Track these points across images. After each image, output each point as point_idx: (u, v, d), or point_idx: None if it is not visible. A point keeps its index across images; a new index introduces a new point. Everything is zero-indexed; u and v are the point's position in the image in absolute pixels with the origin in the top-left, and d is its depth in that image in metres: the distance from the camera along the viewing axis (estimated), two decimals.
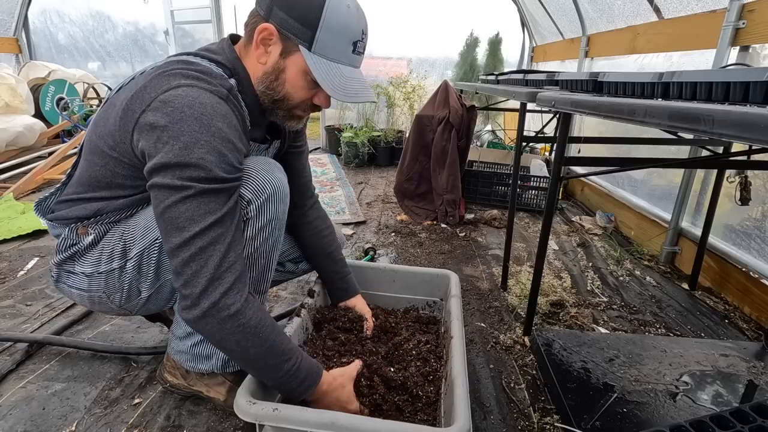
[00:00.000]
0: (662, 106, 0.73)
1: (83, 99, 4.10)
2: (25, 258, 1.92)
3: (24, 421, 1.05)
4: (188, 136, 0.75)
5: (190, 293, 0.78)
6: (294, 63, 0.88)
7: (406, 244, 2.27)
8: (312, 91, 0.92)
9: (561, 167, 1.22)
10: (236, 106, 0.87)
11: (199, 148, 0.75)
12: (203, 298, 0.78)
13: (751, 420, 0.86)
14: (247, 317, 0.80)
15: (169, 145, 0.75)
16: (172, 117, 0.75)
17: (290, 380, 0.87)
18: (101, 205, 0.93)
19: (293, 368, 0.86)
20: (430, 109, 2.63)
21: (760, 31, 1.65)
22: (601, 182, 2.92)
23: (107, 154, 0.87)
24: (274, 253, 0.98)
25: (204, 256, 0.77)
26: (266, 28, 0.85)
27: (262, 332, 0.82)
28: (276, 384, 0.87)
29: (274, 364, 0.85)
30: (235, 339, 0.81)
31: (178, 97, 0.77)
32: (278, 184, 0.92)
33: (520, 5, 4.47)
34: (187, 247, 0.77)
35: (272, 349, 0.84)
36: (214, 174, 0.77)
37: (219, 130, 0.78)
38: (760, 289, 1.62)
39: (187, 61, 0.85)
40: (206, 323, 0.79)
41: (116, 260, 0.94)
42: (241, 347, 0.82)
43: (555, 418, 1.13)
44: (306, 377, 0.88)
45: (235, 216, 0.82)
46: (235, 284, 0.80)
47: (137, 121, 0.79)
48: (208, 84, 0.81)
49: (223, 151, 0.78)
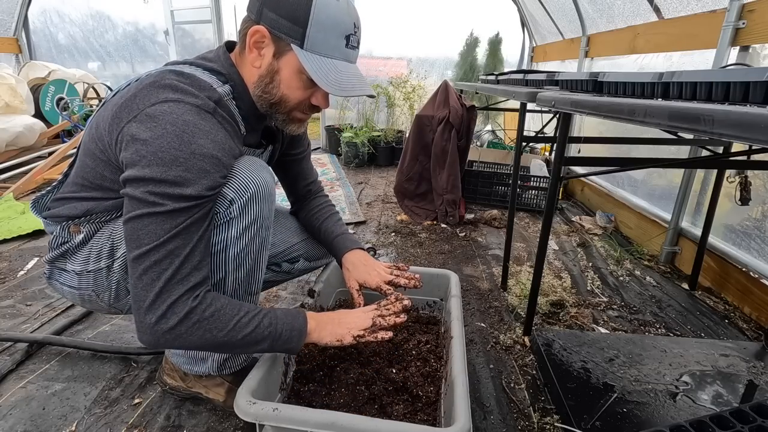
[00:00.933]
0: (662, 106, 0.73)
1: (83, 99, 4.10)
2: (25, 258, 1.92)
3: (24, 421, 1.05)
4: (168, 153, 0.75)
5: (138, 308, 0.77)
6: (288, 63, 0.87)
7: (406, 244, 2.27)
8: (309, 91, 0.92)
9: (561, 167, 1.22)
10: (225, 116, 0.86)
11: (177, 165, 0.75)
12: (149, 313, 0.76)
13: (751, 420, 0.86)
14: (199, 313, 0.78)
15: (146, 159, 0.75)
16: (154, 132, 0.75)
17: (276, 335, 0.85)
18: (92, 205, 0.93)
19: (270, 324, 0.84)
20: (430, 109, 2.63)
21: (760, 31, 1.65)
22: (601, 182, 2.92)
23: (98, 157, 0.87)
24: (262, 252, 0.97)
25: (157, 269, 0.76)
26: (258, 30, 0.85)
27: (223, 314, 0.80)
28: (266, 346, 0.85)
29: (250, 332, 0.82)
30: (197, 335, 0.79)
31: (163, 113, 0.77)
32: (261, 183, 0.90)
33: (520, 5, 4.47)
34: (142, 260, 0.76)
35: (239, 322, 0.82)
36: (190, 192, 0.76)
37: (200, 147, 0.77)
38: (760, 289, 1.62)
39: (180, 72, 0.84)
40: (159, 337, 0.77)
41: (104, 259, 0.95)
42: (209, 339, 0.80)
43: (555, 418, 1.13)
44: (292, 321, 0.87)
45: (201, 225, 0.81)
46: (185, 294, 0.78)
47: (122, 129, 0.79)
48: (195, 98, 0.81)
49: (203, 168, 0.78)
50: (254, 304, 0.89)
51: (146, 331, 0.77)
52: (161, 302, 0.76)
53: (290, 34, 0.84)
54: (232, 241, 0.90)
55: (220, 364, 1.05)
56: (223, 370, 1.06)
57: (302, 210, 1.29)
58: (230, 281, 0.92)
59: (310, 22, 0.83)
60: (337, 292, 1.38)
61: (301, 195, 1.29)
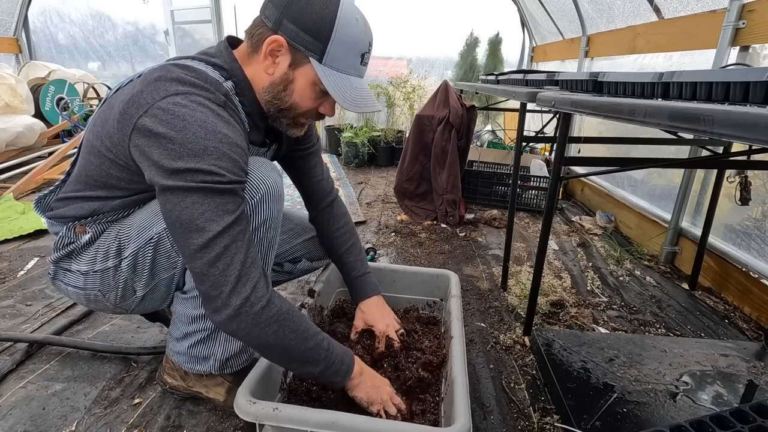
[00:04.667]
0: (662, 106, 0.73)
1: (83, 99, 4.10)
2: (25, 258, 1.92)
3: (24, 421, 1.05)
4: (196, 143, 0.75)
5: (219, 293, 0.78)
6: (303, 74, 0.88)
7: (406, 244, 2.27)
8: (319, 101, 0.93)
9: (561, 167, 1.22)
10: (234, 110, 0.87)
11: (208, 155, 0.75)
12: (234, 296, 0.77)
13: (751, 420, 0.86)
14: (277, 306, 0.81)
15: (176, 153, 0.75)
16: (174, 125, 0.75)
17: (330, 363, 0.87)
18: (98, 205, 0.93)
19: (329, 350, 0.87)
20: (430, 109, 2.63)
21: (760, 31, 1.65)
22: (601, 182, 2.92)
23: (104, 155, 0.87)
24: (270, 253, 0.97)
25: (229, 254, 0.77)
26: (276, 40, 0.85)
27: (294, 317, 0.84)
28: (318, 370, 0.87)
29: (312, 347, 0.85)
30: (272, 330, 0.81)
31: (177, 105, 0.76)
32: (272, 184, 0.92)
33: (520, 5, 4.47)
34: (211, 248, 0.77)
35: (306, 330, 0.85)
36: (228, 177, 0.77)
37: (225, 136, 0.78)
38: (760, 289, 1.62)
39: (184, 65, 0.84)
40: (241, 321, 0.79)
41: (111, 259, 0.95)
42: (279, 336, 0.82)
43: (555, 418, 1.13)
44: (344, 354, 0.90)
45: (246, 215, 0.84)
46: (261, 278, 0.81)
47: (135, 125, 0.78)
48: (205, 91, 0.81)
49: (232, 155, 0.78)
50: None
51: (231, 314, 0.78)
52: (242, 285, 0.78)
53: (310, 48, 0.85)
54: None
55: (221, 363, 1.04)
56: (225, 369, 1.06)
57: (321, 223, 1.26)
58: None
59: (332, 39, 0.84)
60: (337, 292, 1.38)
61: (313, 192, 1.25)
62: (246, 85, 0.91)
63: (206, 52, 0.92)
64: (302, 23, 0.83)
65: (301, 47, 0.85)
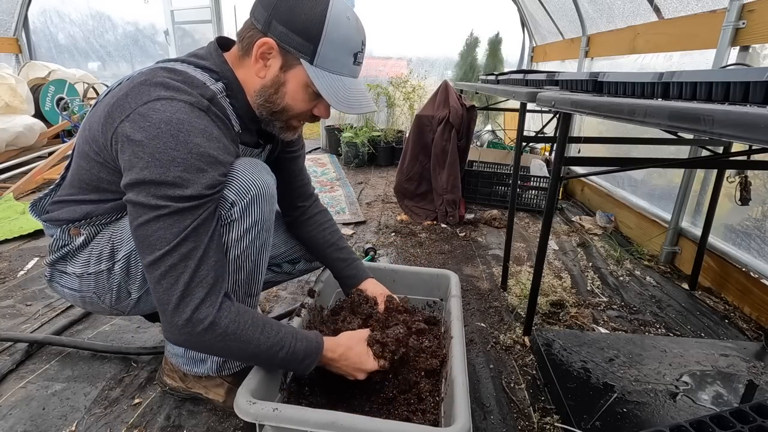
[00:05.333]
0: (662, 106, 0.73)
1: (83, 99, 4.10)
2: (25, 258, 1.92)
3: (24, 421, 1.05)
4: (164, 153, 0.74)
5: (163, 310, 0.78)
6: (295, 76, 0.87)
7: (406, 244, 2.27)
8: (312, 103, 0.92)
9: (561, 167, 1.22)
10: (219, 114, 0.85)
11: (175, 166, 0.75)
12: (176, 316, 0.77)
13: (751, 420, 0.86)
14: (223, 326, 0.80)
15: (144, 161, 0.74)
16: (148, 132, 0.75)
17: (289, 364, 0.88)
18: (91, 208, 0.92)
19: (288, 354, 0.86)
20: (430, 109, 2.63)
21: (760, 31, 1.65)
22: (601, 182, 2.92)
23: (93, 159, 0.86)
24: (263, 255, 0.97)
25: (174, 273, 0.77)
26: (266, 42, 0.84)
27: (244, 335, 0.82)
28: (277, 369, 0.90)
29: (266, 358, 0.86)
30: (218, 347, 0.81)
31: (156, 112, 0.76)
32: (263, 185, 0.90)
33: (520, 5, 4.47)
34: (157, 265, 0.77)
35: (258, 346, 0.84)
36: (190, 192, 0.76)
37: (196, 146, 0.77)
38: (760, 289, 1.62)
39: (171, 69, 0.83)
40: (185, 340, 0.80)
41: (104, 262, 0.95)
42: (228, 352, 0.83)
43: (555, 418, 1.13)
44: (304, 357, 0.89)
45: (210, 226, 0.81)
46: (207, 297, 0.79)
47: (116, 129, 0.78)
48: (188, 95, 0.79)
49: (201, 167, 0.77)
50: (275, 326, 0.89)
51: (175, 332, 0.79)
52: (185, 306, 0.77)
53: (300, 49, 0.84)
54: (233, 243, 0.89)
55: (219, 365, 1.05)
56: (223, 371, 1.06)
57: (302, 224, 1.25)
58: (230, 283, 0.92)
59: (322, 40, 0.83)
60: (337, 292, 1.38)
61: (296, 196, 1.24)
62: (237, 86, 0.90)
63: (196, 53, 0.91)
64: (291, 24, 0.82)
65: (292, 49, 0.84)
